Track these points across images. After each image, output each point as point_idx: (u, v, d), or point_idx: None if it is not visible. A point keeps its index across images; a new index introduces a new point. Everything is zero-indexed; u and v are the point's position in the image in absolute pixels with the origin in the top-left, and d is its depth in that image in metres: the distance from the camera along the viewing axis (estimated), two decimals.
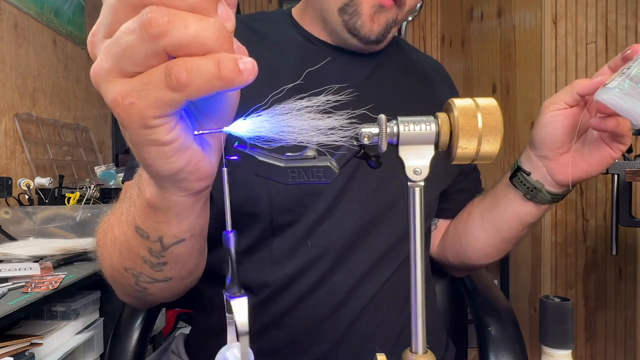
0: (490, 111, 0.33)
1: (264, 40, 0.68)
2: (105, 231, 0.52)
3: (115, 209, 0.51)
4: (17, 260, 1.21)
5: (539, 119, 0.60)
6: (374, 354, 0.34)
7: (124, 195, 0.54)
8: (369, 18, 0.62)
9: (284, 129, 0.31)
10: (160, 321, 1.66)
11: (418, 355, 0.32)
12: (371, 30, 0.63)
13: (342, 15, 0.63)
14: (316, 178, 0.33)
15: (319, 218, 0.62)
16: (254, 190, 0.60)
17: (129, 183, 0.59)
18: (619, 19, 1.81)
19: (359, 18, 0.62)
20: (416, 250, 0.33)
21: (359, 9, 0.62)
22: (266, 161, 0.33)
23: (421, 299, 0.33)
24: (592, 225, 1.79)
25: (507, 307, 0.75)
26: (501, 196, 0.69)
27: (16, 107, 1.91)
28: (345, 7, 0.62)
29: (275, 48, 0.67)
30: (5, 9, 1.84)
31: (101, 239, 0.53)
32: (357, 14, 0.62)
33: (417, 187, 0.33)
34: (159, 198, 0.39)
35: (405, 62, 0.77)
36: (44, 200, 1.67)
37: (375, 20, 0.62)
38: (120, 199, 0.54)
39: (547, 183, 0.62)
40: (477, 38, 2.62)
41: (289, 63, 0.65)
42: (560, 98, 0.57)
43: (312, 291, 0.62)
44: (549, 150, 0.60)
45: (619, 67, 0.52)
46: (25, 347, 1.03)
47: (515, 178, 0.65)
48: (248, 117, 0.32)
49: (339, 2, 0.63)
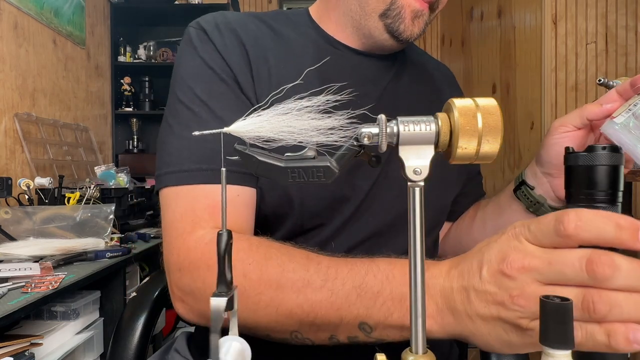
0: (490, 111, 0.33)
1: (286, 42, 0.67)
2: (299, 290, 0.47)
3: (330, 270, 0.47)
4: (17, 260, 1.21)
5: (548, 138, 0.61)
6: (374, 352, 0.34)
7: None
8: (410, 22, 0.64)
9: (302, 131, 0.31)
10: (160, 321, 1.66)
11: (418, 355, 0.32)
12: (412, 33, 0.65)
13: (383, 20, 0.64)
14: (316, 178, 0.33)
15: (345, 221, 0.63)
16: (289, 193, 0.61)
17: (176, 190, 0.56)
18: (619, 19, 1.81)
19: (402, 22, 0.64)
20: (416, 250, 0.33)
21: (402, 13, 0.63)
22: (266, 161, 0.33)
23: (421, 299, 0.33)
24: None
25: None
26: (505, 206, 0.71)
27: (16, 107, 1.92)
28: (387, 12, 0.64)
29: (298, 50, 0.67)
30: (5, 9, 1.84)
31: (306, 296, 0.47)
32: (399, 18, 0.64)
33: (417, 187, 0.33)
34: (439, 337, 0.42)
35: (420, 67, 0.79)
36: (44, 200, 1.67)
37: (416, 23, 0.65)
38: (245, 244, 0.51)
39: (550, 198, 0.64)
40: (477, 38, 2.62)
41: (312, 65, 0.64)
42: (569, 121, 0.59)
43: None
44: (554, 169, 0.62)
45: (628, 94, 0.54)
46: (25, 347, 1.03)
47: (519, 191, 0.67)
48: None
49: (380, 7, 0.64)
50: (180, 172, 0.56)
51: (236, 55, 0.61)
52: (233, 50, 0.61)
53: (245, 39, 0.63)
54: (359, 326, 0.45)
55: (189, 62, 0.61)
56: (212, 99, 0.58)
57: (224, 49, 0.61)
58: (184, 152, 0.57)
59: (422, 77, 0.78)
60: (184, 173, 0.56)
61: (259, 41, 0.65)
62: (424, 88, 0.76)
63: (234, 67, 0.60)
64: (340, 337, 0.47)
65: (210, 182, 0.55)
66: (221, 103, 0.58)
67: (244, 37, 0.63)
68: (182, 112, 0.59)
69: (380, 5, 0.64)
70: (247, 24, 0.66)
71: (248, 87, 0.60)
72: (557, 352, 0.27)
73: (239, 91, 0.60)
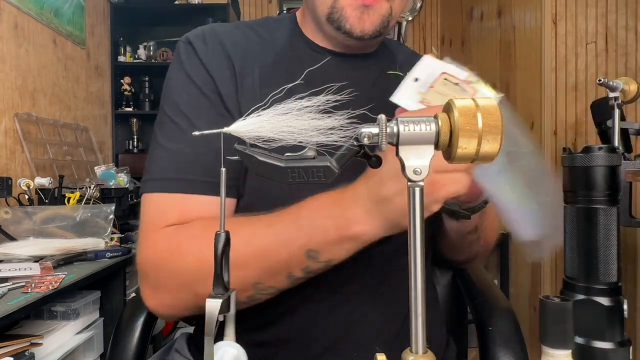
0: (490, 111, 0.33)
1: (272, 49, 0.69)
2: (248, 242, 0.54)
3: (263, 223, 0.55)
4: (17, 260, 1.21)
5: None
6: (374, 352, 0.34)
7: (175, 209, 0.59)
8: (356, 20, 0.63)
9: (302, 131, 0.31)
10: (160, 321, 1.65)
11: (418, 355, 0.32)
12: (364, 28, 0.63)
13: (331, 22, 0.64)
14: (316, 178, 0.33)
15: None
16: (295, 193, 0.61)
17: (171, 196, 0.60)
18: (619, 19, 1.81)
19: (347, 21, 0.63)
20: (416, 250, 0.33)
21: (344, 13, 0.63)
22: (266, 161, 0.33)
23: (421, 299, 0.33)
24: None
25: (507, 307, 0.75)
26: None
27: (16, 107, 1.92)
28: (330, 15, 0.64)
29: (284, 57, 0.68)
30: (5, 9, 1.84)
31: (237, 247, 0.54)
32: (343, 18, 0.63)
33: (417, 187, 0.33)
34: (374, 237, 0.50)
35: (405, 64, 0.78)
36: (44, 200, 1.67)
37: (367, 18, 0.63)
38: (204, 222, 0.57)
39: (460, 202, 0.62)
40: (477, 38, 2.62)
41: (295, 70, 0.65)
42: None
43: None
44: None
45: None
46: (25, 347, 1.03)
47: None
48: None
49: (325, 11, 0.64)
50: (157, 180, 0.61)
51: (221, 68, 0.64)
52: (219, 64, 0.64)
53: (232, 50, 0.65)
54: (306, 255, 0.52)
55: (176, 76, 0.65)
56: (193, 113, 0.62)
57: (209, 63, 0.64)
58: (164, 162, 0.62)
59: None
60: (159, 181, 0.61)
61: (246, 51, 0.67)
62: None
63: (218, 80, 0.63)
64: (295, 272, 0.53)
65: (182, 191, 0.60)
66: (201, 116, 0.62)
67: (231, 49, 0.65)
68: (166, 123, 0.63)
69: (325, 9, 0.64)
70: (235, 35, 0.68)
71: (230, 98, 0.63)
72: (557, 352, 0.28)
73: (219, 104, 0.63)
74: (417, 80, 0.53)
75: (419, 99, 0.53)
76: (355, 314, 0.64)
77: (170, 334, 2.06)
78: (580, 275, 0.54)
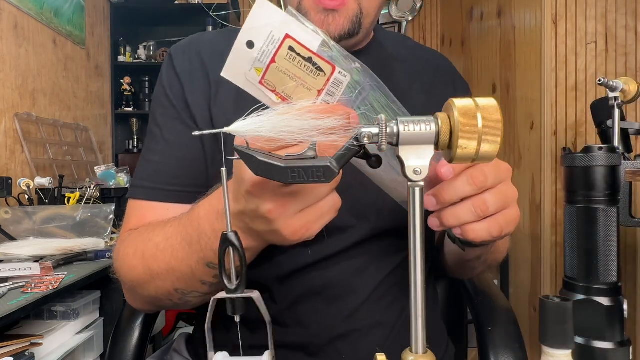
0: (490, 111, 0.33)
1: None
2: (154, 256, 0.54)
3: (162, 236, 0.55)
4: (17, 260, 1.21)
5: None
6: (374, 351, 0.34)
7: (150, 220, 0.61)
8: (320, 23, 0.60)
9: (302, 131, 0.31)
10: (160, 321, 1.66)
11: (418, 355, 0.32)
12: (332, 33, 0.61)
13: None
14: (316, 178, 0.33)
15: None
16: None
17: (138, 203, 0.64)
18: (619, 19, 1.81)
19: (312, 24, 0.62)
20: (416, 250, 0.33)
21: (309, 18, 0.60)
22: (266, 161, 0.33)
23: (421, 299, 0.33)
24: None
25: (507, 307, 0.75)
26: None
27: (16, 107, 1.91)
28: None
29: None
30: (5, 9, 1.84)
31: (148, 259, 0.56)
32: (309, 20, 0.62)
33: (417, 187, 0.33)
34: (258, 249, 0.48)
35: (413, 62, 0.76)
36: (44, 200, 1.67)
37: (331, 22, 0.60)
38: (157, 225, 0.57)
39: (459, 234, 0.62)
40: (477, 38, 2.62)
41: None
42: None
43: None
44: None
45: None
46: (25, 347, 1.03)
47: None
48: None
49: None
50: (132, 187, 0.67)
51: (194, 78, 0.66)
52: (191, 73, 0.66)
53: (209, 60, 0.66)
54: (207, 265, 0.50)
55: (157, 87, 0.69)
56: (162, 122, 0.66)
57: (182, 72, 0.66)
58: (139, 169, 0.67)
59: (416, 71, 0.75)
60: (133, 188, 0.67)
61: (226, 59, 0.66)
62: (417, 85, 0.74)
63: (188, 90, 0.65)
64: (206, 279, 0.52)
65: (144, 198, 0.64)
66: (169, 126, 0.65)
67: (208, 59, 0.66)
68: (148, 133, 0.68)
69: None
70: (217, 44, 0.69)
71: (199, 108, 0.64)
72: (557, 352, 0.28)
73: (186, 114, 0.65)
74: (252, 46, 0.39)
75: (257, 78, 0.39)
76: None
77: (170, 334, 2.06)
78: (580, 275, 0.54)
